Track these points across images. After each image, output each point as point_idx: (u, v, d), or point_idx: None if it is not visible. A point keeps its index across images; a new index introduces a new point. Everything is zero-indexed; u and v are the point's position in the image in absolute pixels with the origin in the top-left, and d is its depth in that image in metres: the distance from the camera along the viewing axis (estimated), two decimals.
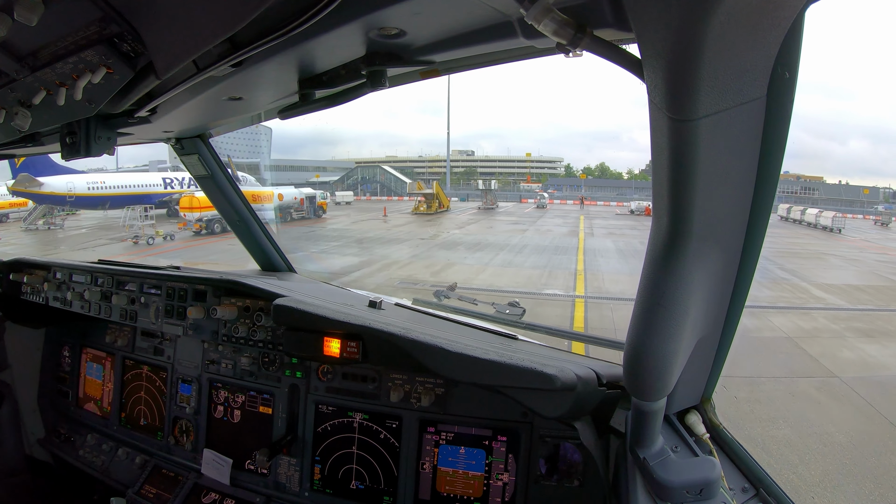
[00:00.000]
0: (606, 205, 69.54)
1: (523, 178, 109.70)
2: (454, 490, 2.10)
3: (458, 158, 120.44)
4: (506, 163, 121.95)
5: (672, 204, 1.03)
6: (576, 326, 11.71)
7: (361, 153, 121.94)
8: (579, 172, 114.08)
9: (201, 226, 26.86)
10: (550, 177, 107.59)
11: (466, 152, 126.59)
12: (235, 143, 57.92)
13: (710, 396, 1.62)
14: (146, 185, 34.01)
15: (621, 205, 65.07)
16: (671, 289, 1.11)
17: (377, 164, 53.73)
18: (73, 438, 3.06)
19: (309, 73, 1.48)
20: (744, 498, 1.52)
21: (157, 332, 2.80)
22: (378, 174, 78.10)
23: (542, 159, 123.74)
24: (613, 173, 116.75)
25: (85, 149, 1.83)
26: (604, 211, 57.02)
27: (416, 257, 21.72)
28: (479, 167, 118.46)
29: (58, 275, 3.00)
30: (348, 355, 1.88)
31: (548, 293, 15.13)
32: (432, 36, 1.22)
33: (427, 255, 22.15)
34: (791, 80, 0.91)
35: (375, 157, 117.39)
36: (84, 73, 1.26)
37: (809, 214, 44.79)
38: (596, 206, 68.21)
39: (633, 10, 0.79)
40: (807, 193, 77.19)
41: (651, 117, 0.93)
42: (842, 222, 40.66)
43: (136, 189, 32.51)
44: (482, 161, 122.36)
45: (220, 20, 1.01)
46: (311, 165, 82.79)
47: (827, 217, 41.86)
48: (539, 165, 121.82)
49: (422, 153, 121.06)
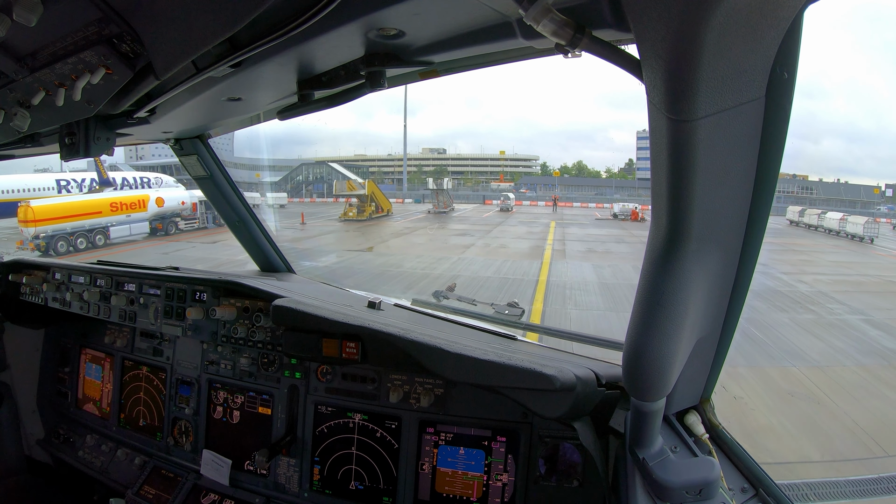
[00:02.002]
0: (584, 206, 61.46)
1: (497, 178, 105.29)
2: (453, 491, 2.10)
3: (428, 157, 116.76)
4: (479, 161, 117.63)
5: (671, 204, 1.03)
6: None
7: (338, 152, 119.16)
8: (555, 171, 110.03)
9: (37, 245, 20.19)
10: (525, 175, 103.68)
11: (437, 150, 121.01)
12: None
13: (709, 397, 1.62)
14: (33, 188, 26.59)
15: (602, 207, 57.65)
16: (670, 289, 1.11)
17: (324, 162, 47.56)
18: (73, 439, 3.06)
19: (308, 73, 1.48)
20: (743, 498, 1.52)
21: (157, 333, 2.80)
22: (327, 173, 67.41)
23: (517, 157, 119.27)
24: (591, 172, 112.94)
25: (84, 149, 1.83)
26: (581, 214, 48.87)
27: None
28: (451, 166, 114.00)
29: (57, 275, 3.00)
30: (347, 356, 1.88)
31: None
32: (431, 36, 1.22)
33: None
34: (790, 80, 0.91)
35: (343, 156, 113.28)
36: (83, 74, 1.26)
37: (830, 220, 35.24)
38: (572, 208, 59.40)
39: (632, 11, 0.79)
40: (805, 193, 74.37)
41: (650, 118, 0.93)
42: (874, 229, 31.56)
43: (12, 195, 24.71)
44: (454, 159, 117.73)
45: (219, 21, 1.01)
46: (284, 165, 74.47)
47: (856, 223, 32.50)
48: (514, 164, 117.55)
49: (391, 152, 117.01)
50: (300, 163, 69.89)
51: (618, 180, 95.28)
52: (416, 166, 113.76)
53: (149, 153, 44.48)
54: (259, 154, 46.23)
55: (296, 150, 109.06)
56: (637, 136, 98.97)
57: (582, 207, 60.42)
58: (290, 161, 69.91)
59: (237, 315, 2.43)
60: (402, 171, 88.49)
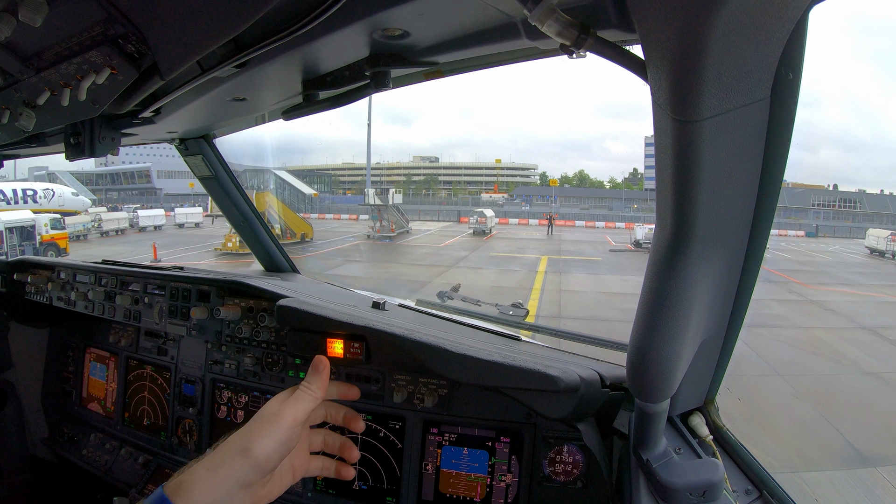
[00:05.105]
0: (590, 227, 45.87)
1: (492, 188, 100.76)
2: (457, 491, 2.10)
3: (419, 165, 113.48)
4: (473, 170, 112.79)
5: (676, 205, 1.02)
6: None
7: (335, 161, 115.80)
8: (552, 180, 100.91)
9: None
10: (522, 185, 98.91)
11: (429, 158, 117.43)
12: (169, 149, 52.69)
13: (713, 398, 1.62)
14: None
15: (613, 227, 43.51)
16: (675, 290, 1.11)
17: (269, 171, 39.76)
18: (77, 438, 3.07)
19: (313, 73, 1.48)
20: (747, 500, 1.52)
21: (161, 333, 2.81)
22: (272, 182, 50.57)
23: (514, 166, 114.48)
24: (594, 182, 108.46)
25: (89, 149, 1.84)
26: (587, 240, 34.60)
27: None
28: (442, 175, 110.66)
29: (62, 275, 3.01)
30: (352, 356, 1.88)
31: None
32: (436, 37, 1.22)
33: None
34: (795, 81, 0.90)
35: (332, 164, 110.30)
36: (88, 74, 1.26)
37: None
38: (574, 228, 43.89)
39: (637, 11, 0.79)
40: (846, 207, 63.60)
41: (655, 119, 0.93)
42: None
43: None
44: (446, 168, 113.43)
45: (224, 21, 1.01)
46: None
47: None
48: (511, 173, 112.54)
49: (380, 160, 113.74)
50: (244, 169, 61.08)
51: (629, 191, 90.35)
52: (406, 175, 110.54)
53: (119, 159, 40.26)
54: (262, 163, 39.02)
55: (294, 159, 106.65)
56: (645, 142, 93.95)
57: (587, 228, 46.24)
58: (238, 166, 65.88)
59: (241, 315, 2.43)
60: (390, 180, 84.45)
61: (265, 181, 36.90)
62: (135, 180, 73.39)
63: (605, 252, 28.87)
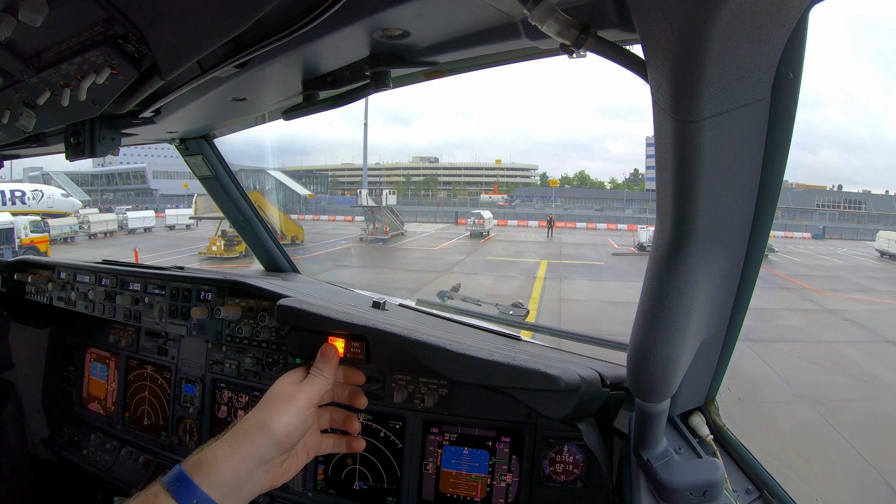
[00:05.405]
0: (591, 228, 45.81)
1: (492, 189, 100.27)
2: (457, 491, 2.10)
3: (418, 165, 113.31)
4: (473, 170, 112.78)
5: (676, 205, 1.02)
6: None
7: (335, 161, 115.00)
8: (552, 180, 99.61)
9: None
10: (522, 186, 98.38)
11: (429, 159, 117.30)
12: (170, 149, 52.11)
13: (713, 398, 1.62)
14: None
15: (615, 228, 43.73)
16: (675, 290, 1.11)
17: (263, 171, 38.15)
18: (77, 438, 3.07)
19: (313, 73, 1.48)
20: (747, 500, 1.52)
21: (161, 332, 2.81)
22: (267, 183, 47.81)
23: (514, 167, 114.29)
24: (594, 182, 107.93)
25: (90, 149, 1.84)
26: (588, 242, 34.53)
27: None
28: (442, 175, 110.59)
29: (62, 275, 3.01)
30: (352, 356, 1.88)
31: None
32: (436, 37, 1.22)
33: None
34: (795, 80, 0.90)
35: (332, 164, 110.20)
36: (88, 74, 1.26)
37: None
38: (574, 230, 43.53)
39: (638, 11, 0.79)
40: (851, 208, 61.71)
41: (655, 118, 0.93)
42: None
43: None
44: (446, 168, 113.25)
45: (224, 21, 1.01)
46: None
47: None
48: (511, 174, 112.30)
49: (380, 161, 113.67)
50: (238, 169, 61.26)
51: (631, 192, 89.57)
52: (405, 176, 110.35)
53: (115, 159, 38.98)
54: (261, 163, 38.79)
55: (294, 160, 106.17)
56: (646, 142, 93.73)
57: (589, 230, 45.70)
58: (233, 167, 66.03)
59: (242, 315, 2.43)
60: (389, 181, 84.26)
61: (259, 181, 36.48)
62: (130, 181, 73.55)
63: (608, 256, 28.45)
